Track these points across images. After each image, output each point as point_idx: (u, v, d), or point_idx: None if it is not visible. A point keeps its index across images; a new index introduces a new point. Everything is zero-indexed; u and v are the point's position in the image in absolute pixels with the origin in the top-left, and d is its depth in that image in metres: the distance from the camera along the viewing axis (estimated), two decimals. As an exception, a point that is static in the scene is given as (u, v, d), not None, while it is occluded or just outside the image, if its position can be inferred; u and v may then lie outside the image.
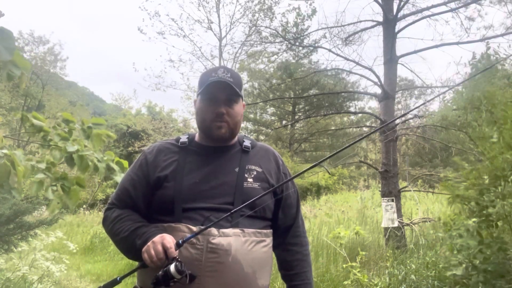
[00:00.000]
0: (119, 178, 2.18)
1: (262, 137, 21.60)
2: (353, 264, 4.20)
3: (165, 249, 1.17)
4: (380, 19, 6.91)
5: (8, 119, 17.55)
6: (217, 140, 1.41)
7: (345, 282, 4.12)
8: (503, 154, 2.57)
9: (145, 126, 20.59)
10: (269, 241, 1.38)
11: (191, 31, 17.05)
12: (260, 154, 1.47)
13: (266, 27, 9.29)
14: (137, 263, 1.30)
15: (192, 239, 1.21)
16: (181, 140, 1.44)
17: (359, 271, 4.05)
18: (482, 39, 6.29)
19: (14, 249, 3.81)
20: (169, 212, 1.30)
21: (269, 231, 1.40)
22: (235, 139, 1.47)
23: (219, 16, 14.26)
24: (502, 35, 6.25)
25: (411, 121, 7.91)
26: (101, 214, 13.01)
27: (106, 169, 2.25)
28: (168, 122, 21.48)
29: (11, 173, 1.82)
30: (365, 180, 21.19)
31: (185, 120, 19.39)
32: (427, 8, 6.65)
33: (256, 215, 1.33)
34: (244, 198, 1.31)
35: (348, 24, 7.34)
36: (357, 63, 7.01)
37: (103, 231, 8.35)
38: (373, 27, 7.20)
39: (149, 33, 42.40)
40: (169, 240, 1.18)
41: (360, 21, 7.24)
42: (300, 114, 21.86)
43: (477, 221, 2.79)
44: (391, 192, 6.20)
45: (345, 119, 21.62)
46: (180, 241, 1.19)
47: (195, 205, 1.29)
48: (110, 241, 3.40)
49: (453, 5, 6.55)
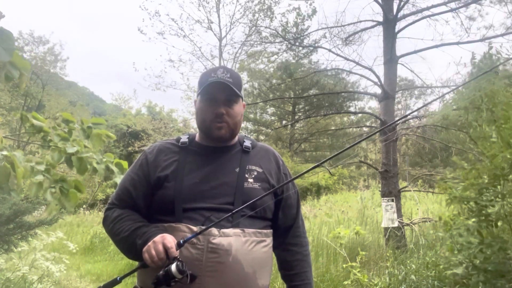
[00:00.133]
0: (119, 179, 2.18)
1: (262, 137, 21.60)
2: (353, 264, 4.20)
3: (166, 249, 1.17)
4: (380, 19, 6.91)
5: (8, 119, 17.55)
6: (217, 141, 1.41)
7: (345, 282, 4.11)
8: (502, 153, 2.57)
9: (145, 126, 20.59)
10: (269, 241, 1.38)
11: (191, 31, 16.99)
12: (260, 155, 1.47)
13: (266, 27, 9.30)
14: (137, 263, 1.30)
15: (192, 239, 1.21)
16: (181, 140, 1.44)
17: (359, 271, 4.05)
18: (482, 39, 6.30)
19: (14, 249, 3.81)
20: (169, 212, 1.30)
21: (269, 231, 1.40)
22: (236, 139, 1.47)
23: (219, 16, 14.29)
24: (502, 35, 6.26)
25: (411, 121, 7.90)
26: (101, 214, 13.01)
27: (105, 170, 2.25)
28: (168, 122, 21.47)
29: (10, 174, 1.82)
30: (365, 180, 21.18)
31: (185, 120, 19.39)
32: (427, 8, 6.65)
33: (256, 215, 1.33)
34: (245, 198, 1.31)
35: (348, 24, 7.34)
36: (357, 63, 7.01)
37: (103, 231, 8.35)
38: (373, 27, 7.20)
39: (149, 33, 42.43)
40: (169, 240, 1.19)
41: (360, 21, 7.25)
42: (300, 114, 21.86)
43: (476, 221, 2.79)
44: (391, 192, 6.20)
45: (345, 119, 21.63)
46: (181, 241, 1.19)
47: (195, 205, 1.29)
48: (110, 241, 3.40)
49: (453, 5, 6.55)
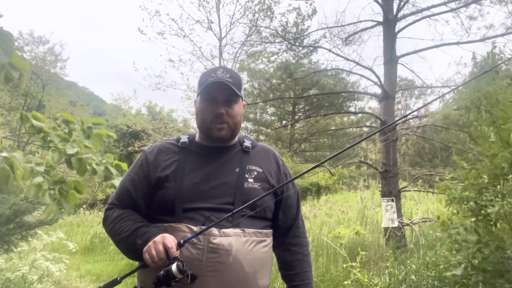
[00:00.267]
0: (117, 181, 2.17)
1: (262, 137, 21.60)
2: (353, 264, 4.19)
3: (166, 249, 1.17)
4: (380, 19, 6.90)
5: (8, 119, 17.55)
6: (217, 141, 1.41)
7: (345, 282, 4.11)
8: (502, 153, 2.57)
9: (145, 126, 20.58)
10: (270, 241, 1.38)
11: (191, 31, 17.01)
12: (260, 155, 1.47)
13: (266, 27, 9.30)
14: (137, 263, 1.30)
15: (193, 239, 1.21)
16: (181, 140, 1.44)
17: (359, 271, 4.05)
18: (482, 39, 6.30)
19: (14, 249, 3.81)
20: (169, 212, 1.30)
21: (269, 231, 1.40)
22: (236, 139, 1.47)
23: (219, 16, 14.28)
24: (503, 35, 6.25)
25: (411, 121, 7.90)
26: (101, 214, 13.01)
27: (105, 171, 2.24)
28: (168, 122, 21.47)
29: (10, 176, 1.81)
30: (365, 180, 21.18)
31: (185, 120, 19.38)
32: (427, 8, 6.65)
33: (256, 215, 1.33)
34: (245, 198, 1.31)
35: (348, 24, 7.34)
36: (357, 63, 7.01)
37: (103, 231, 8.35)
38: (373, 27, 7.20)
39: (149, 33, 42.44)
40: (170, 240, 1.19)
41: (360, 21, 7.25)
42: (300, 114, 21.86)
43: (474, 220, 2.79)
44: (391, 192, 6.20)
45: (345, 119, 21.63)
46: (182, 241, 1.19)
47: (195, 205, 1.29)
48: (110, 241, 3.40)
49: (453, 5, 6.55)
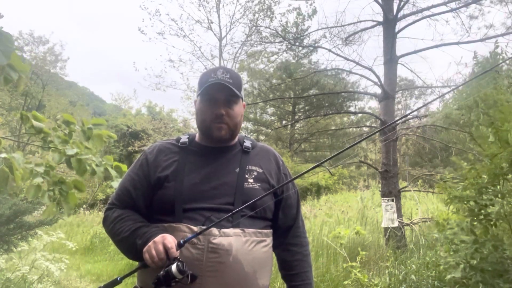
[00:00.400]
0: (117, 183, 2.17)
1: (262, 137, 21.60)
2: (353, 264, 4.19)
3: (166, 249, 1.17)
4: (380, 19, 6.91)
5: (8, 119, 17.54)
6: (217, 141, 1.41)
7: (345, 282, 4.11)
8: (501, 153, 2.57)
9: (145, 126, 20.57)
10: (269, 241, 1.38)
11: (191, 31, 16.97)
12: (260, 155, 1.47)
13: (266, 27, 9.30)
14: (137, 263, 1.30)
15: (193, 239, 1.21)
16: (181, 140, 1.44)
17: (359, 271, 4.05)
18: (483, 39, 6.30)
19: (14, 249, 3.81)
20: (169, 212, 1.30)
21: (269, 231, 1.40)
22: (236, 139, 1.47)
23: (219, 16, 14.27)
24: (503, 34, 6.26)
25: (411, 121, 7.91)
26: (101, 214, 13.00)
27: (104, 172, 2.24)
28: (168, 122, 21.46)
29: (9, 178, 1.81)
30: (365, 180, 21.17)
31: (185, 120, 19.38)
32: (427, 8, 6.65)
33: (256, 215, 1.33)
34: (245, 198, 1.31)
35: (348, 24, 7.35)
36: (357, 63, 7.01)
37: (103, 231, 8.34)
38: (373, 27, 7.21)
39: (149, 33, 42.42)
40: (170, 240, 1.19)
41: (360, 21, 7.25)
42: (300, 114, 21.85)
43: (469, 220, 2.78)
44: (391, 192, 6.20)
45: (345, 119, 21.62)
46: (182, 241, 1.19)
47: (195, 205, 1.29)
48: (110, 241, 3.39)
49: (453, 5, 6.56)
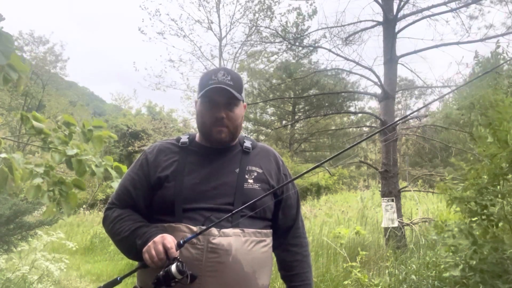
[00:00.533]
0: (117, 183, 2.17)
1: (262, 137, 21.60)
2: (353, 264, 4.19)
3: (166, 249, 1.17)
4: (380, 19, 6.90)
5: (8, 119, 17.54)
6: (217, 144, 1.41)
7: (345, 282, 4.11)
8: (501, 153, 2.57)
9: (145, 126, 20.56)
10: (269, 241, 1.38)
11: (191, 31, 16.95)
12: (260, 155, 1.47)
13: (266, 27, 9.30)
14: (137, 263, 1.30)
15: (192, 239, 1.21)
16: (181, 140, 1.44)
17: (359, 271, 4.05)
18: (483, 39, 6.30)
19: (14, 249, 3.81)
20: (169, 212, 1.30)
21: (269, 231, 1.40)
22: (236, 139, 1.47)
23: (219, 16, 14.27)
24: (503, 34, 6.26)
25: (411, 121, 7.91)
26: (101, 214, 13.00)
27: (104, 173, 2.24)
28: (168, 122, 21.45)
29: (8, 177, 1.81)
30: (365, 180, 21.17)
31: (185, 120, 19.36)
32: (427, 8, 6.65)
33: (256, 215, 1.33)
34: (245, 199, 1.31)
35: (348, 24, 7.34)
36: (357, 63, 7.01)
37: (103, 231, 8.34)
38: (373, 27, 7.20)
39: (149, 33, 42.38)
40: (169, 240, 1.18)
41: (360, 21, 7.25)
42: (300, 114, 21.85)
43: (468, 222, 2.78)
44: (391, 192, 6.19)
45: (345, 119, 21.63)
46: (181, 241, 1.19)
47: (195, 205, 1.29)
48: (110, 241, 3.39)
49: (453, 5, 6.55)
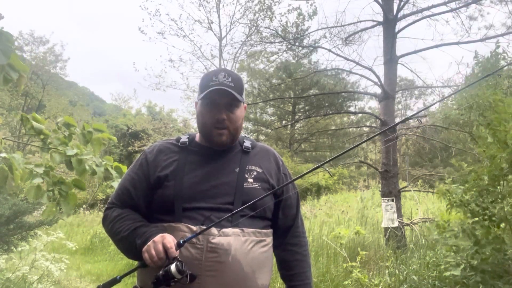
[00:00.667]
0: (117, 183, 2.17)
1: (262, 137, 21.60)
2: (353, 264, 4.19)
3: (165, 249, 1.17)
4: (380, 19, 6.91)
5: (8, 120, 17.54)
6: (217, 146, 1.41)
7: (345, 282, 4.11)
8: (500, 154, 2.57)
9: (145, 126, 20.55)
10: (269, 240, 1.38)
11: (191, 31, 16.97)
12: (260, 155, 1.47)
13: (266, 28, 9.31)
14: (137, 263, 1.30)
15: (192, 238, 1.21)
16: (181, 140, 1.44)
17: (359, 271, 4.05)
18: (483, 39, 6.30)
19: (14, 249, 3.81)
20: (169, 212, 1.30)
21: (269, 231, 1.40)
22: (236, 141, 1.47)
23: (219, 16, 14.26)
24: (503, 34, 6.26)
25: (411, 121, 7.91)
26: (101, 214, 12.97)
27: (104, 173, 2.24)
28: (168, 122, 21.42)
29: (8, 177, 1.81)
30: (365, 180, 21.16)
31: (185, 120, 19.36)
32: (427, 8, 6.65)
33: (256, 215, 1.33)
34: (244, 198, 1.31)
35: (348, 24, 7.35)
36: (357, 63, 7.02)
37: (103, 231, 8.33)
38: (373, 27, 7.21)
39: (149, 33, 42.37)
40: (169, 240, 1.19)
41: (360, 21, 7.26)
42: (300, 114, 21.85)
43: (471, 222, 2.78)
44: (391, 192, 6.19)
45: (345, 119, 21.62)
46: (181, 241, 1.19)
47: (195, 205, 1.29)
48: (110, 241, 3.39)
49: (453, 5, 6.56)
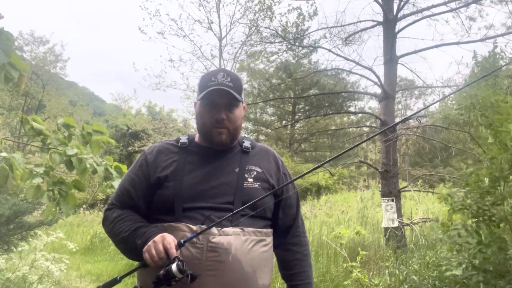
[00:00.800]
0: (117, 183, 2.17)
1: (262, 137, 21.59)
2: (353, 264, 4.19)
3: (166, 249, 1.17)
4: (380, 19, 6.91)
5: (7, 121, 17.54)
6: (217, 146, 1.41)
7: (345, 282, 4.11)
8: (501, 155, 2.57)
9: (145, 126, 20.55)
10: (270, 240, 1.38)
11: (191, 31, 16.97)
12: (260, 155, 1.47)
13: (266, 27, 9.31)
14: (137, 263, 1.30)
15: (193, 238, 1.21)
16: (181, 141, 1.45)
17: (359, 271, 4.05)
18: (483, 39, 6.30)
19: (14, 249, 3.81)
20: (169, 212, 1.30)
21: (269, 231, 1.40)
22: (236, 140, 1.48)
23: (219, 16, 14.25)
24: (503, 34, 6.26)
25: (411, 121, 7.90)
26: (101, 214, 12.99)
27: (104, 172, 2.24)
28: (168, 122, 21.42)
29: (9, 176, 1.82)
30: (365, 180, 21.15)
31: (185, 120, 19.37)
32: (427, 8, 6.66)
33: (256, 214, 1.33)
34: (245, 198, 1.31)
35: (348, 24, 7.36)
36: (357, 63, 7.02)
37: (103, 231, 8.30)
38: (373, 27, 7.21)
39: (149, 33, 42.36)
40: (169, 240, 1.19)
41: (360, 21, 7.26)
42: (300, 114, 21.84)
43: (475, 221, 2.78)
44: (391, 192, 6.20)
45: (345, 119, 21.61)
46: (182, 241, 1.19)
47: (195, 205, 1.29)
48: (110, 241, 3.39)
49: (453, 5, 6.56)
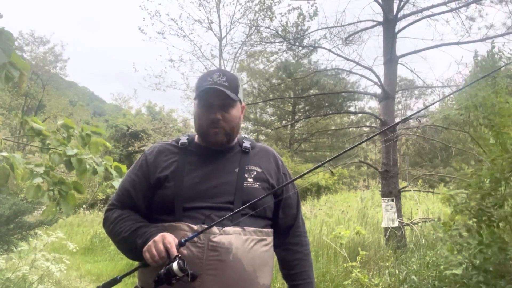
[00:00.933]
0: (117, 183, 2.17)
1: (262, 137, 21.60)
2: (353, 264, 4.19)
3: (166, 248, 1.17)
4: (380, 19, 6.91)
5: (7, 122, 17.55)
6: (214, 145, 1.41)
7: (346, 282, 4.11)
8: (502, 156, 2.57)
9: (145, 126, 20.55)
10: (270, 240, 1.38)
11: (191, 31, 16.99)
12: (260, 155, 1.47)
13: (266, 27, 9.31)
14: (137, 263, 1.30)
15: (193, 237, 1.21)
16: (181, 141, 1.45)
17: (359, 271, 4.05)
18: (483, 39, 6.30)
19: (14, 249, 3.80)
20: (169, 212, 1.30)
21: (270, 230, 1.40)
22: (235, 140, 1.48)
23: (219, 16, 14.26)
24: (503, 34, 6.26)
25: (411, 121, 7.90)
26: (101, 214, 12.99)
27: (104, 172, 2.25)
28: (168, 122, 21.43)
29: (10, 176, 1.82)
30: (365, 180, 21.15)
31: (185, 120, 19.40)
32: (427, 8, 6.65)
33: (256, 214, 1.34)
34: (245, 198, 1.31)
35: (348, 24, 7.35)
36: (357, 63, 7.02)
37: (103, 231, 8.31)
38: (373, 27, 7.21)
39: (149, 33, 42.36)
40: (170, 239, 1.19)
41: (360, 21, 7.26)
42: (300, 114, 21.85)
43: (475, 221, 2.78)
44: (391, 192, 6.19)
45: (345, 119, 21.61)
46: (183, 240, 1.19)
47: (195, 204, 1.30)
48: (110, 241, 3.39)
49: (453, 5, 6.56)
